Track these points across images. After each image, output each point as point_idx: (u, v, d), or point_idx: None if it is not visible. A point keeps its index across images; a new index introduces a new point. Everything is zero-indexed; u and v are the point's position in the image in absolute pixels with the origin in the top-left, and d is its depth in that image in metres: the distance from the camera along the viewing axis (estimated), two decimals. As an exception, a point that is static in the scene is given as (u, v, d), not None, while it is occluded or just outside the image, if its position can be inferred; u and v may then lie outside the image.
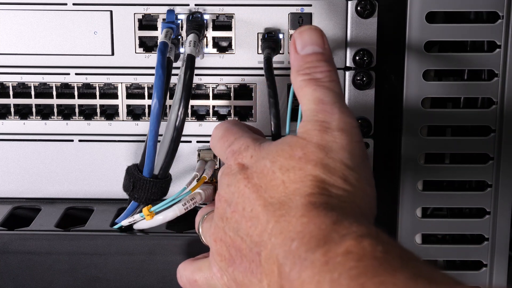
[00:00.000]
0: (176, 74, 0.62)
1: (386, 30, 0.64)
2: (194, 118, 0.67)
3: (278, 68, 0.65)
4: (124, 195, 0.62)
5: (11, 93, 0.67)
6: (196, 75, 0.65)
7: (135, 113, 0.67)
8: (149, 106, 0.66)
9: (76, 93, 0.67)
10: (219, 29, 0.65)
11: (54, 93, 0.67)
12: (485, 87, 0.65)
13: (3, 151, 0.68)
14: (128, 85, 0.67)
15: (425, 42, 0.64)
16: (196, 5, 0.64)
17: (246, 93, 0.67)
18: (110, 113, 0.67)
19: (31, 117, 0.67)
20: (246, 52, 0.65)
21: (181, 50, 0.64)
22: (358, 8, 0.63)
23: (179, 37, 0.64)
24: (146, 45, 0.66)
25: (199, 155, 0.67)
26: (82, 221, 0.66)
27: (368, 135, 0.66)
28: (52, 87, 0.67)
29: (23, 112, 0.67)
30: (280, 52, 0.65)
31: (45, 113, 0.67)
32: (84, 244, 0.62)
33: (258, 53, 0.65)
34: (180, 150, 0.63)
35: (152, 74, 0.60)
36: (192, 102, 0.66)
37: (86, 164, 0.68)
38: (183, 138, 0.61)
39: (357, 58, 0.64)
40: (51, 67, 0.66)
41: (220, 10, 0.64)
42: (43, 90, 0.67)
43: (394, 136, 0.66)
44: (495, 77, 0.65)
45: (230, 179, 0.51)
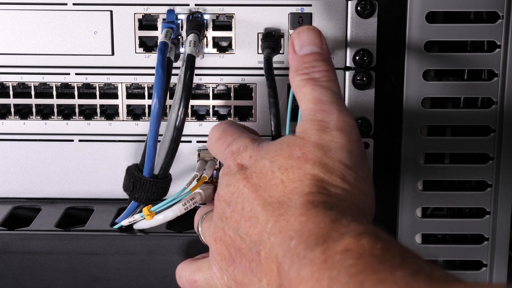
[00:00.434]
0: (176, 74, 0.62)
1: (386, 30, 0.64)
2: (194, 118, 0.67)
3: (278, 68, 0.65)
4: (124, 195, 0.62)
5: (11, 93, 0.67)
6: (196, 75, 0.65)
7: (135, 113, 0.67)
8: (149, 106, 0.66)
9: (76, 93, 0.67)
10: (219, 29, 0.65)
11: (54, 93, 0.67)
12: (485, 87, 0.65)
13: (3, 151, 0.68)
14: (128, 85, 0.67)
15: (425, 42, 0.64)
16: (196, 5, 0.64)
17: (246, 93, 0.67)
18: (110, 113, 0.67)
19: (31, 117, 0.67)
20: (246, 52, 0.65)
21: (181, 50, 0.64)
22: (358, 8, 0.63)
23: (179, 37, 0.64)
24: (146, 45, 0.66)
25: (199, 155, 0.67)
26: (82, 221, 0.66)
27: (368, 135, 0.66)
28: (52, 87, 0.67)
29: (23, 112, 0.67)
30: (280, 52, 0.65)
31: (45, 113, 0.67)
32: (84, 244, 0.62)
33: (258, 53, 0.65)
34: (180, 150, 0.63)
35: (152, 74, 0.60)
36: (192, 102, 0.66)
37: (86, 164, 0.68)
38: (183, 138, 0.61)
39: (357, 58, 0.64)
40: (51, 67, 0.66)
41: (220, 10, 0.64)
42: (43, 90, 0.67)
43: (394, 136, 0.66)
44: (495, 77, 0.65)
45: (229, 179, 0.51)
